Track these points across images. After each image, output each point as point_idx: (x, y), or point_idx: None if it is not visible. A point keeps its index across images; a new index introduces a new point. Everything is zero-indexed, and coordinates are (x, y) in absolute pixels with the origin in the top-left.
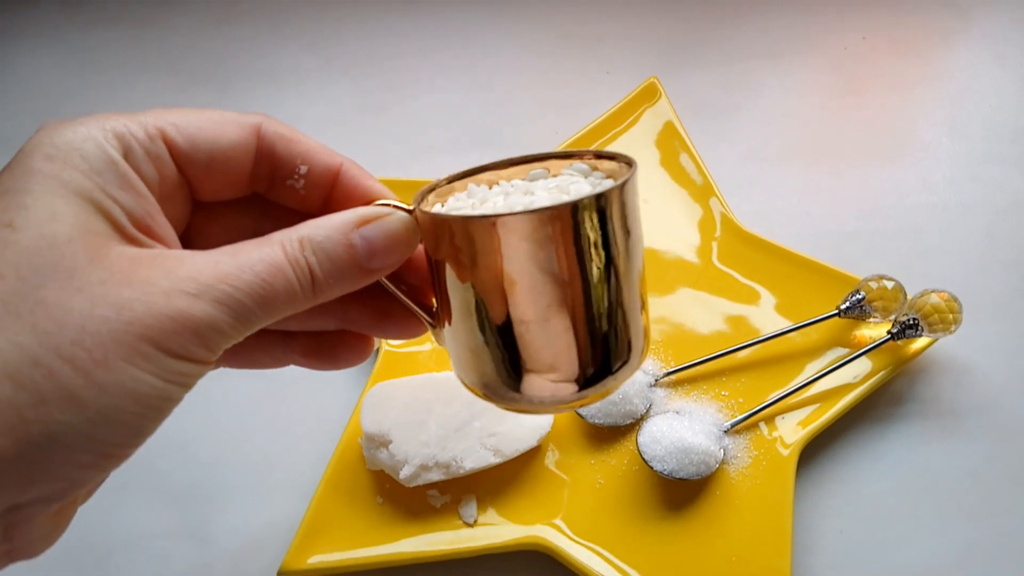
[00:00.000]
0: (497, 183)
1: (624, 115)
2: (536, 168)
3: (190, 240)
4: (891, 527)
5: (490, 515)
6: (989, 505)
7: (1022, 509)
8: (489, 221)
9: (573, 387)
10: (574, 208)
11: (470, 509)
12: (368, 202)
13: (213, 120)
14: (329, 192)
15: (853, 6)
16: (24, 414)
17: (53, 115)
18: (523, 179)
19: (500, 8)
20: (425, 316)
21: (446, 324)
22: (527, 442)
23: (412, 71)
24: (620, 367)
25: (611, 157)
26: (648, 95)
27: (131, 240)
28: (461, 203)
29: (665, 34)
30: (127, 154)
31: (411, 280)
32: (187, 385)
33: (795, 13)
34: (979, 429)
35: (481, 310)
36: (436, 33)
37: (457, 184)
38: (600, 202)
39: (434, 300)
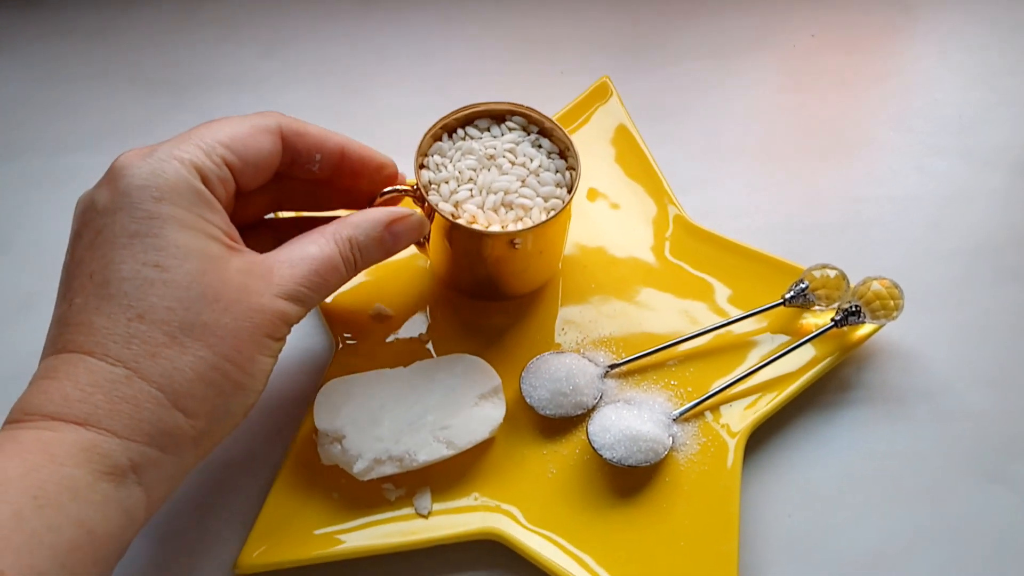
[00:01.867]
0: (458, 130)
1: (577, 114)
2: (485, 116)
3: (232, 219)
4: (839, 511)
5: (445, 506)
6: (936, 488)
7: (968, 491)
8: (461, 227)
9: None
10: (512, 234)
11: (424, 501)
12: (372, 168)
13: (250, 135)
14: (338, 165)
15: (802, 5)
16: (213, 402)
17: (11, 126)
18: (477, 130)
19: (455, 11)
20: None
21: (429, 247)
22: (479, 434)
23: (370, 75)
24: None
25: (554, 127)
26: (600, 94)
27: (229, 249)
28: (443, 173)
29: (618, 35)
30: (206, 183)
31: None
32: (277, 355)
33: (746, 13)
34: (925, 414)
35: (454, 253)
36: (393, 37)
37: (431, 137)
38: (534, 231)
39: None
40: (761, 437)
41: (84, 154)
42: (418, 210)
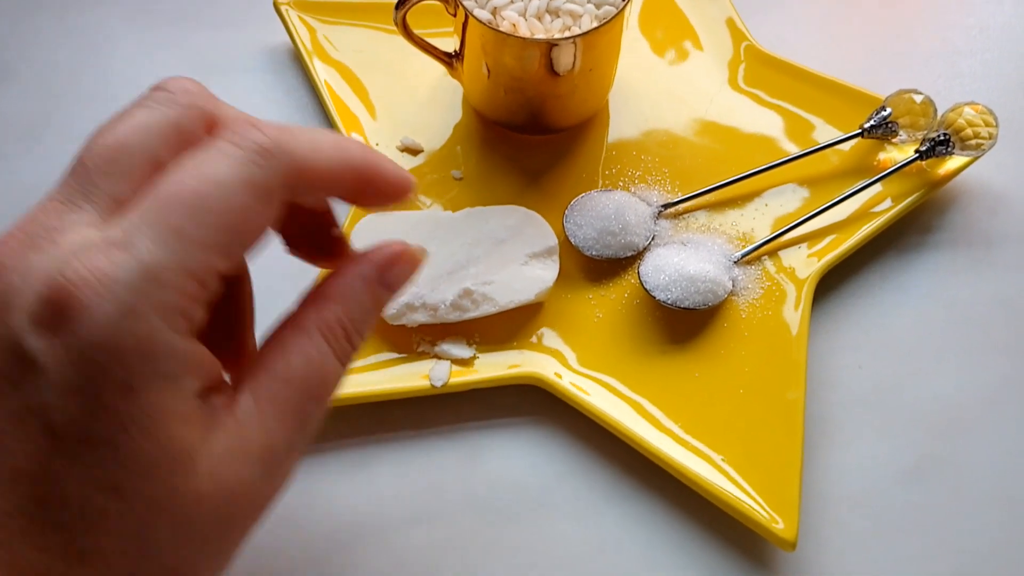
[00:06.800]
0: None
1: None
2: None
3: None
4: (915, 361)
5: (482, 350)
6: (1021, 338)
7: None
8: (500, 36)
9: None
10: (559, 42)
11: (441, 372)
12: (392, 191)
13: (248, 218)
14: (354, 197)
15: None
16: None
17: None
18: None
19: None
20: (445, 59)
21: (462, 68)
22: (523, 295)
23: None
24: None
25: None
26: None
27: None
28: None
29: None
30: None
31: None
32: None
33: None
34: (1013, 259)
35: (491, 72)
36: None
37: None
38: (584, 39)
39: (455, 49)
40: (832, 282)
41: None
42: (402, 243)
